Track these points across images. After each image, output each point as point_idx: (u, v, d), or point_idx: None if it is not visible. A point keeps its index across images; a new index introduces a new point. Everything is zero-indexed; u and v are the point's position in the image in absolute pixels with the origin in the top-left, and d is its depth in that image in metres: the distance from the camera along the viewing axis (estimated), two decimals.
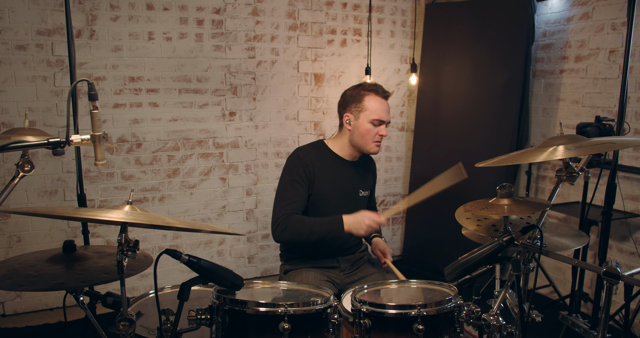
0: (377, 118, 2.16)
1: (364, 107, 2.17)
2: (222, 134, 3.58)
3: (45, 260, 1.51)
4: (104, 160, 1.36)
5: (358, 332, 1.50)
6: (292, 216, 2.08)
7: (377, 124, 2.17)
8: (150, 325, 1.56)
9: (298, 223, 2.07)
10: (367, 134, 2.18)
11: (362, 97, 2.19)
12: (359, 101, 2.19)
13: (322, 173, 2.21)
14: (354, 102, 2.20)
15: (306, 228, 2.07)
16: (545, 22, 3.51)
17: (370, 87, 2.20)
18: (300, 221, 2.08)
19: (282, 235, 2.08)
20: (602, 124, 2.80)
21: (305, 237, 2.08)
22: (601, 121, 2.82)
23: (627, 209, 3.04)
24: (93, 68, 3.18)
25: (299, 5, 3.68)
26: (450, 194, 3.76)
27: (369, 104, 2.17)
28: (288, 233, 2.07)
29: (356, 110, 2.19)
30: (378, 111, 2.16)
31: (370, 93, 2.19)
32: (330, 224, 2.07)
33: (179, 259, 1.34)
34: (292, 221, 2.07)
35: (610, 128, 2.78)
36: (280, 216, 2.09)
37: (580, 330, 2.09)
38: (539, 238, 1.62)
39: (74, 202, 2.92)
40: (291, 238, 2.10)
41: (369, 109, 2.17)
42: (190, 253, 1.39)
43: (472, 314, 1.52)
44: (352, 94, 2.22)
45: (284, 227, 2.07)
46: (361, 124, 2.18)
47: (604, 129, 2.77)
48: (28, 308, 3.25)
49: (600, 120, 2.84)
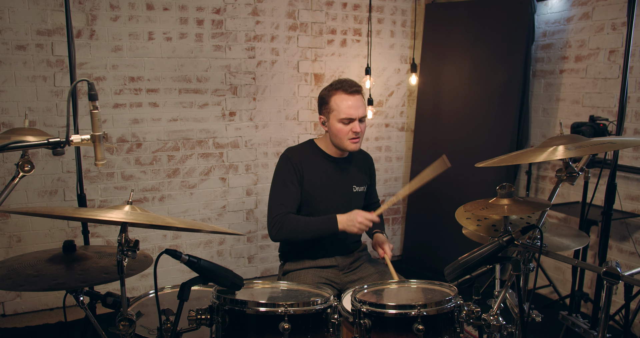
0: (344, 117, 2.15)
1: (331, 107, 2.18)
2: (222, 134, 3.58)
3: (45, 260, 1.51)
4: (104, 160, 1.36)
5: (358, 332, 1.50)
6: (288, 215, 2.13)
7: (348, 123, 2.16)
8: (150, 325, 1.56)
9: (293, 222, 2.12)
10: (339, 134, 2.18)
11: (329, 98, 2.19)
12: (327, 103, 2.19)
13: (311, 171, 2.24)
14: (324, 104, 2.22)
15: (301, 227, 2.12)
16: (545, 22, 3.51)
17: (336, 86, 2.18)
18: (295, 220, 2.13)
19: (278, 234, 2.14)
20: (597, 123, 2.85)
21: (301, 236, 2.13)
22: (595, 121, 2.88)
23: (627, 209, 3.04)
24: (93, 68, 3.18)
25: (299, 5, 3.68)
26: (450, 194, 3.79)
27: (335, 104, 2.16)
28: (284, 232, 2.12)
29: (326, 111, 2.20)
30: (345, 109, 2.14)
31: (336, 92, 2.17)
32: (324, 223, 2.12)
33: (179, 259, 1.34)
34: (287, 221, 2.12)
35: (604, 127, 2.83)
36: (275, 216, 2.14)
37: (580, 330, 2.09)
38: (539, 238, 1.62)
39: (74, 202, 2.92)
40: (287, 237, 2.16)
41: (335, 109, 2.16)
42: (190, 253, 1.39)
43: (472, 314, 1.52)
44: (322, 95, 2.23)
45: (279, 226, 2.12)
46: (332, 124, 2.19)
47: (598, 128, 2.82)
48: (28, 308, 3.25)
49: (595, 119, 2.89)
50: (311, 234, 2.12)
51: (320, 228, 2.12)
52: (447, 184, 3.85)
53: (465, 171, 3.67)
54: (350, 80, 2.21)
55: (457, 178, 3.77)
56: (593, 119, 2.89)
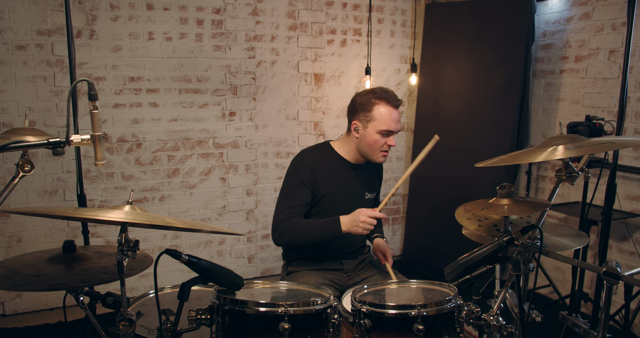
0: (386, 129, 2.09)
1: (373, 116, 2.10)
2: (222, 134, 3.58)
3: (45, 260, 1.51)
4: (104, 160, 1.36)
5: (358, 332, 1.50)
6: (290, 219, 2.07)
7: (386, 135, 2.12)
8: (150, 325, 1.56)
9: (295, 226, 2.06)
10: (374, 145, 2.13)
11: (371, 106, 2.11)
12: (368, 110, 2.11)
13: (326, 176, 2.18)
14: (363, 111, 2.13)
15: (303, 230, 2.05)
16: (545, 22, 3.51)
17: (381, 95, 2.11)
18: (297, 224, 2.06)
19: (280, 238, 2.08)
20: (592, 123, 2.88)
21: (303, 240, 2.07)
22: (591, 120, 2.90)
23: (627, 209, 3.04)
24: (93, 68, 3.18)
25: (299, 5, 3.68)
26: (450, 194, 3.79)
27: (379, 114, 2.09)
28: (286, 236, 2.06)
29: (365, 119, 2.12)
30: (387, 122, 2.09)
31: (380, 102, 2.10)
32: (327, 226, 2.05)
33: (179, 259, 1.34)
34: (289, 225, 2.06)
35: (600, 127, 2.85)
36: (278, 220, 2.09)
37: (580, 330, 2.09)
38: (539, 238, 1.62)
39: (74, 202, 2.92)
40: (290, 241, 2.09)
41: (377, 119, 2.09)
42: (190, 253, 1.39)
43: (472, 314, 1.52)
44: (362, 102, 2.14)
45: (281, 231, 2.07)
46: (369, 133, 2.12)
47: (594, 128, 2.85)
48: (28, 308, 3.25)
49: (591, 119, 2.91)
50: (314, 238, 2.05)
51: (322, 231, 2.04)
52: (447, 184, 3.86)
53: (465, 171, 3.67)
54: (392, 92, 2.16)
55: (457, 178, 3.77)
56: (589, 118, 2.91)
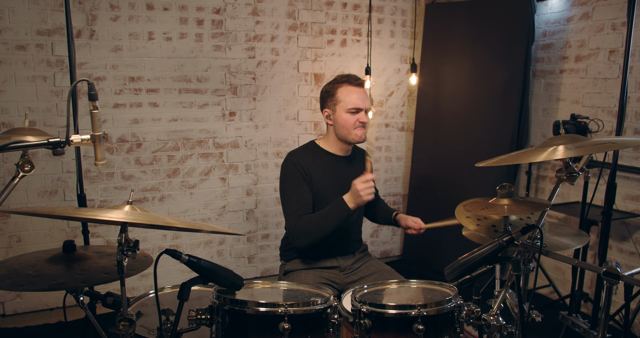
0: (352, 107, 2.20)
1: (338, 99, 2.22)
2: (222, 134, 3.58)
3: (45, 260, 1.51)
4: (104, 160, 1.36)
5: (358, 332, 1.50)
6: (299, 221, 2.11)
7: (355, 112, 2.21)
8: (150, 325, 1.56)
9: (307, 224, 2.10)
10: (346, 124, 2.21)
11: (335, 90, 2.24)
12: (333, 95, 2.24)
13: (318, 172, 2.24)
14: (329, 97, 2.26)
15: (316, 225, 2.09)
16: (545, 22, 3.51)
17: (341, 79, 2.24)
18: (308, 221, 2.10)
19: (299, 242, 2.12)
20: (578, 121, 2.96)
21: (321, 233, 2.09)
22: (576, 119, 2.98)
23: (627, 209, 3.04)
24: (93, 68, 3.18)
25: (299, 5, 3.68)
26: (450, 194, 3.79)
27: (342, 95, 2.21)
28: (304, 237, 2.10)
29: (332, 104, 2.24)
30: (352, 100, 2.20)
31: (342, 84, 2.23)
32: (336, 209, 2.08)
33: (179, 259, 1.34)
34: (301, 226, 2.10)
35: (585, 125, 2.95)
36: (290, 227, 2.13)
37: (580, 330, 2.09)
38: (539, 238, 1.62)
39: (74, 202, 2.92)
40: (310, 240, 2.11)
41: (343, 100, 2.21)
42: (190, 253, 1.39)
43: (472, 314, 1.52)
44: (326, 89, 2.28)
45: (297, 235, 2.11)
46: (339, 116, 2.22)
47: (580, 126, 2.93)
48: (28, 308, 3.25)
49: (575, 118, 2.99)
50: (330, 226, 2.07)
51: (334, 217, 2.07)
52: (447, 184, 3.86)
53: (465, 171, 3.67)
54: (353, 74, 2.27)
55: (457, 178, 3.77)
56: (574, 117, 2.99)
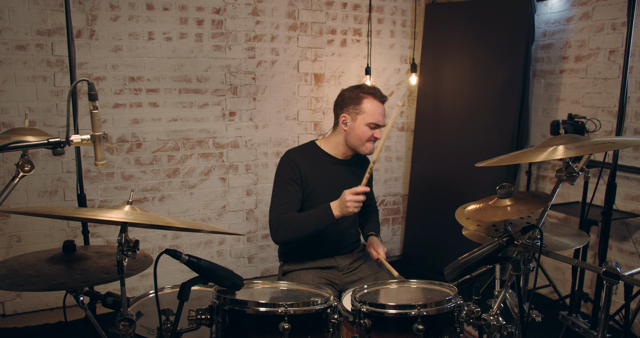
0: (374, 122, 2.19)
1: (362, 109, 2.20)
2: (222, 134, 3.58)
3: (45, 260, 1.51)
4: (104, 160, 1.36)
5: (358, 332, 1.50)
6: (282, 216, 2.11)
7: (373, 128, 2.21)
8: (150, 325, 1.56)
9: (288, 220, 2.10)
10: (362, 136, 2.21)
11: (360, 99, 2.21)
12: (358, 103, 2.21)
13: (314, 172, 2.24)
14: (352, 104, 2.22)
15: (297, 223, 2.09)
16: (545, 22, 3.51)
17: (369, 91, 2.22)
18: (290, 218, 2.10)
19: (277, 235, 2.12)
20: (575, 121, 2.97)
21: (299, 233, 2.09)
22: (573, 119, 2.99)
23: (627, 209, 3.04)
24: (93, 68, 3.18)
25: (299, 5, 3.68)
26: (450, 194, 3.79)
27: (367, 107, 2.19)
28: (282, 232, 2.10)
29: (354, 112, 2.22)
30: (376, 115, 2.19)
31: (369, 96, 2.21)
32: (319, 214, 2.07)
33: (179, 259, 1.34)
34: (283, 221, 2.10)
35: (582, 125, 2.96)
36: (272, 218, 2.14)
37: (580, 330, 2.09)
38: (539, 238, 1.62)
39: (74, 202, 2.92)
40: (287, 237, 2.12)
41: (366, 112, 2.19)
42: (190, 253, 1.39)
43: (472, 314, 1.52)
44: (351, 96, 2.24)
45: (277, 228, 2.11)
46: (358, 126, 2.21)
47: (577, 126, 2.94)
48: (28, 308, 3.25)
49: (573, 118, 3.00)
50: (310, 229, 2.07)
51: (316, 220, 2.06)
52: (447, 184, 3.86)
53: (465, 171, 3.67)
54: (379, 89, 2.28)
55: (457, 177, 3.77)
56: (571, 117, 2.99)
